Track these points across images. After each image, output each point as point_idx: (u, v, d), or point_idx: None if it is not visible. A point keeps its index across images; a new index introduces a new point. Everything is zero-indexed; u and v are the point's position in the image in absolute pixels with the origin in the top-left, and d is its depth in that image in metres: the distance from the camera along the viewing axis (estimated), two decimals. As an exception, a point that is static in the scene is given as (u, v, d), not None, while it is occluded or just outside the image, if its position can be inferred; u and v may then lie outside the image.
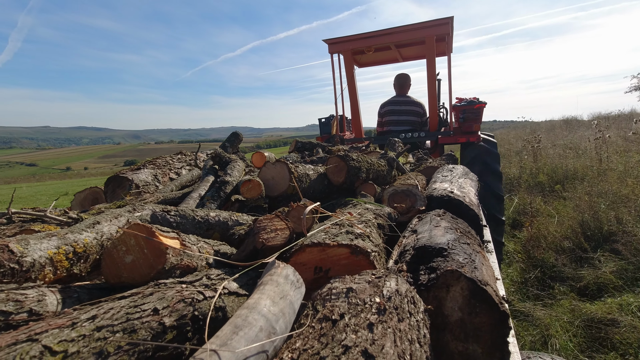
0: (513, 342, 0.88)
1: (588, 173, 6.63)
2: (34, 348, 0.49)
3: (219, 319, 0.74)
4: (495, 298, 0.78)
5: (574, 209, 5.10)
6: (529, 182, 7.50)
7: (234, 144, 3.31)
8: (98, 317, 0.59)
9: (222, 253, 1.12)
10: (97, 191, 2.18)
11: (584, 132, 11.15)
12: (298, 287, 0.77)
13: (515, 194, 7.06)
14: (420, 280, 0.86)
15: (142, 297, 0.68)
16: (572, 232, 4.55)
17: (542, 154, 8.78)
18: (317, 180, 2.05)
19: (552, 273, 4.00)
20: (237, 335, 0.54)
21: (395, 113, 5.09)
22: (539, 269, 4.11)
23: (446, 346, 0.80)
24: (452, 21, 4.47)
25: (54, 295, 0.77)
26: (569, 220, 4.85)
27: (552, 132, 12.67)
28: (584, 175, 6.60)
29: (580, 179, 6.49)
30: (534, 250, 4.49)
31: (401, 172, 2.55)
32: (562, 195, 6.31)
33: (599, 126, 9.05)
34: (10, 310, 0.66)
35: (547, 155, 8.63)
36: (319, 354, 0.52)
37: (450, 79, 4.86)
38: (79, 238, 0.97)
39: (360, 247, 0.94)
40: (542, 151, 8.94)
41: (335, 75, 5.26)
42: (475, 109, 4.14)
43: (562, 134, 11.80)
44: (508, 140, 13.20)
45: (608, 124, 10.47)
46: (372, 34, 4.75)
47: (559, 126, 14.42)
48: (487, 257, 1.08)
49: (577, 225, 4.63)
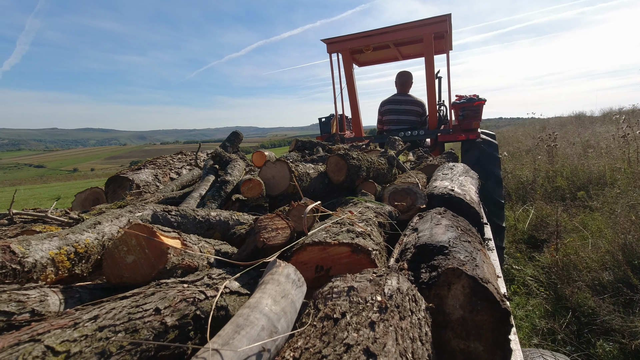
0: (515, 339, 0.88)
1: (617, 177, 5.63)
2: (37, 348, 0.50)
3: (221, 318, 0.74)
4: (497, 296, 0.78)
5: (610, 225, 4.00)
6: (545, 188, 6.46)
7: (234, 144, 3.31)
8: (100, 317, 0.59)
9: (223, 252, 1.12)
10: (97, 191, 2.18)
11: (598, 128, 10.31)
12: (299, 286, 0.77)
13: (530, 203, 5.92)
14: (421, 279, 0.86)
15: (143, 297, 0.68)
16: (613, 261, 3.40)
17: (558, 153, 7.62)
18: (318, 179, 2.05)
19: (590, 321, 2.94)
20: (239, 335, 0.54)
21: (395, 112, 5.08)
22: (572, 313, 3.09)
23: (448, 344, 0.80)
24: (450, 18, 4.45)
25: (56, 295, 0.77)
26: (607, 242, 3.68)
27: (564, 129, 11.58)
28: (613, 180, 5.62)
29: (610, 185, 5.52)
30: (562, 285, 3.41)
31: (401, 170, 2.55)
32: (587, 204, 5.31)
33: (627, 121, 7.68)
34: (12, 311, 0.66)
35: (565, 155, 7.45)
36: (321, 352, 0.52)
37: (449, 76, 4.85)
38: (80, 238, 0.97)
39: (361, 246, 0.94)
40: (558, 150, 7.77)
41: (335, 74, 5.27)
42: (474, 106, 4.13)
43: (575, 131, 10.70)
44: (516, 137, 12.41)
45: (629, 120, 9.08)
46: (370, 32, 4.74)
47: (570, 122, 13.40)
48: (488, 255, 1.08)
49: (618, 249, 3.45)
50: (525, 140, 11.26)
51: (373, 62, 6.39)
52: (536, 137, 9.87)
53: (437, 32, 4.48)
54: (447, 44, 4.76)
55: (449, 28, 4.52)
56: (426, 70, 4.69)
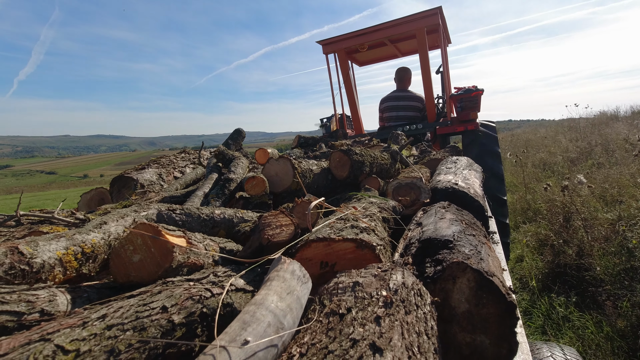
0: (521, 332, 0.88)
1: None
2: (47, 347, 0.50)
3: (227, 315, 0.75)
4: (502, 289, 0.78)
5: None
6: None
7: (237, 141, 3.31)
8: (108, 316, 0.60)
9: (228, 250, 1.13)
10: (103, 192, 2.20)
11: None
12: (305, 282, 0.78)
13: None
14: (426, 273, 0.86)
15: (150, 296, 0.69)
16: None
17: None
18: (321, 175, 2.05)
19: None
20: (246, 331, 0.55)
21: (394, 109, 5.08)
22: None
23: (454, 338, 0.80)
24: (441, 11, 4.39)
25: (64, 295, 0.78)
26: None
27: (607, 128, 9.10)
28: None
29: None
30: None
31: (405, 165, 2.54)
32: None
33: None
34: (22, 311, 0.67)
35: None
36: (327, 347, 0.53)
37: (447, 70, 4.81)
38: (87, 238, 0.98)
39: (366, 241, 0.94)
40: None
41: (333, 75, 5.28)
42: (472, 96, 4.10)
43: (621, 130, 8.35)
44: (540, 140, 9.82)
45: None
46: (363, 31, 4.73)
47: (602, 122, 10.81)
48: (493, 248, 1.07)
49: None
50: (566, 144, 8.74)
51: (373, 61, 6.37)
52: (596, 143, 7.28)
53: (430, 26, 4.42)
54: (443, 38, 4.71)
55: (441, 21, 4.46)
56: (421, 65, 4.67)
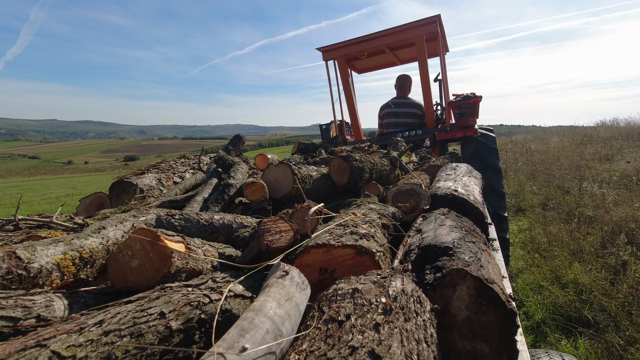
0: (521, 340, 0.87)
1: None
2: (43, 353, 0.50)
3: (226, 321, 0.74)
4: (502, 296, 0.77)
5: None
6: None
7: (237, 147, 3.32)
8: (105, 322, 0.59)
9: (227, 256, 1.12)
10: (102, 196, 2.20)
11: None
12: (303, 289, 0.77)
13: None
14: (426, 280, 0.85)
15: (148, 301, 0.68)
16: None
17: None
18: (321, 181, 2.05)
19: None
20: (244, 338, 0.54)
21: (393, 115, 5.12)
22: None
23: (454, 345, 0.79)
24: (440, 19, 4.44)
25: (61, 300, 0.77)
26: None
27: (613, 143, 8.50)
28: None
29: None
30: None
31: (404, 171, 2.55)
32: None
33: None
34: (18, 316, 0.67)
35: None
36: (326, 355, 0.52)
37: (445, 78, 4.85)
38: (85, 243, 0.98)
39: (365, 248, 0.94)
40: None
41: (333, 81, 5.32)
42: (470, 103, 4.14)
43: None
44: (561, 149, 8.99)
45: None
46: (362, 38, 4.79)
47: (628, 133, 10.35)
48: (493, 255, 1.07)
49: None
50: (575, 156, 7.34)
51: (372, 68, 6.43)
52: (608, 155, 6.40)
53: (429, 34, 4.47)
54: (441, 46, 4.76)
55: (440, 29, 4.51)
56: (420, 72, 4.72)
